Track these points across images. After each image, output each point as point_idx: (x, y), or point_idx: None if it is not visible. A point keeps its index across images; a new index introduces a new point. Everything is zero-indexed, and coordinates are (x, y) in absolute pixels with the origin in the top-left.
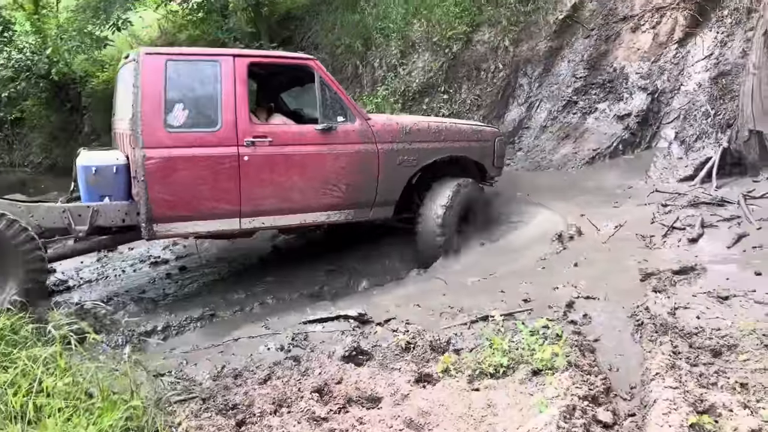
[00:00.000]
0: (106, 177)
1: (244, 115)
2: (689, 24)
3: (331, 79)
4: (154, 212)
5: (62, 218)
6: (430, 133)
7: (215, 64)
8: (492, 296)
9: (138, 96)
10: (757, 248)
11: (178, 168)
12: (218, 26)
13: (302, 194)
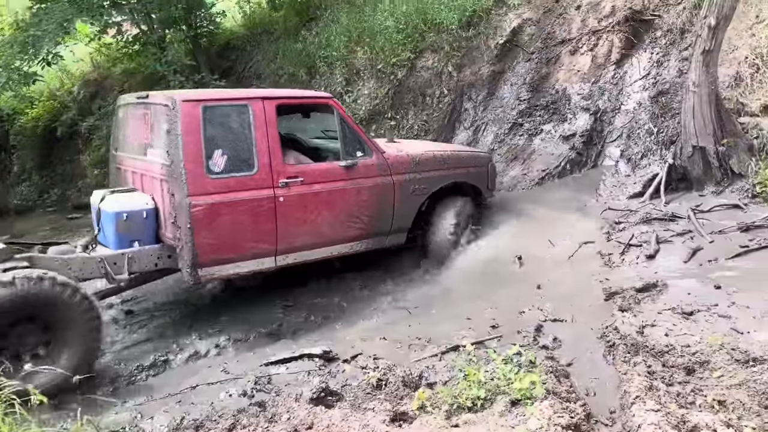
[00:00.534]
0: (136, 222)
1: (278, 157)
2: (625, 46)
3: (348, 117)
4: (200, 257)
5: (99, 268)
6: (436, 163)
7: (246, 108)
8: (459, 324)
9: (179, 143)
10: (712, 261)
11: (222, 213)
12: (156, 59)
13: (330, 228)
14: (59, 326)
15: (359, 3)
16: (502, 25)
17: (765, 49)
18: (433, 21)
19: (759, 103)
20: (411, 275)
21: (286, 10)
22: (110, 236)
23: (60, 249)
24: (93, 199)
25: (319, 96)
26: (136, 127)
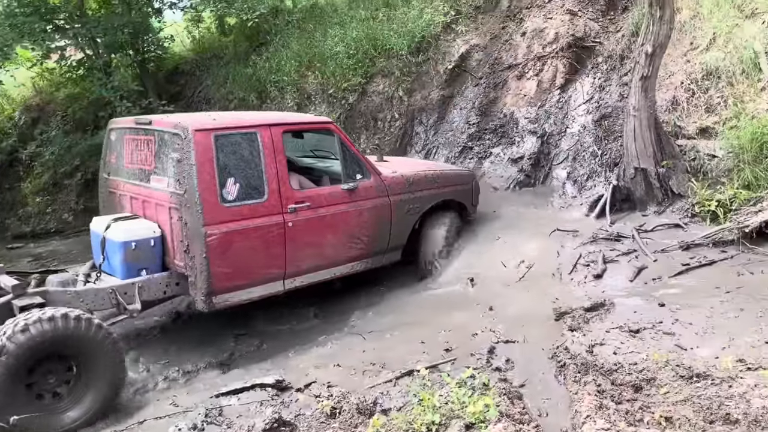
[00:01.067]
0: (144, 251)
1: (286, 183)
2: (569, 71)
3: (349, 141)
4: (215, 285)
5: (110, 299)
6: (427, 182)
7: (255, 135)
8: (413, 347)
9: (193, 173)
10: (656, 280)
11: (235, 241)
12: (101, 84)
13: (334, 250)
14: (85, 362)
15: (309, 29)
16: (451, 51)
17: (699, 75)
18: (383, 47)
19: (695, 126)
20: (365, 300)
21: (236, 35)
22: (118, 265)
23: (62, 279)
24: (95, 227)
25: (321, 121)
26: (136, 153)
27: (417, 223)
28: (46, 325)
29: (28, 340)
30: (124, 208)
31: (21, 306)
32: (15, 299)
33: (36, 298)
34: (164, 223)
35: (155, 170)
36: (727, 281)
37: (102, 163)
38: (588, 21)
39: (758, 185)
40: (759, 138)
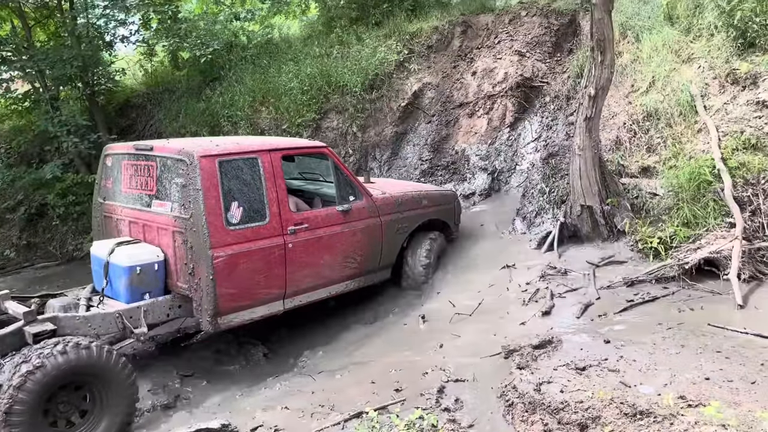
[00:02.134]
0: (148, 275)
1: (285, 206)
2: (518, 110)
3: (342, 164)
4: (221, 306)
5: (117, 323)
6: (414, 203)
7: (256, 160)
8: (363, 388)
9: (199, 198)
10: (602, 316)
11: (240, 263)
12: (47, 118)
13: (330, 270)
14: (101, 390)
15: (264, 64)
16: (404, 89)
17: (640, 116)
18: (337, 83)
19: (637, 165)
20: (317, 338)
21: (189, 70)
22: (122, 289)
23: (63, 303)
24: (96, 252)
25: (315, 146)
26: (135, 178)
27: (405, 242)
28: (64, 357)
29: (48, 371)
30: (121, 232)
31: (34, 333)
32: (26, 326)
33: (47, 324)
34: (167, 246)
35: (157, 195)
36: (668, 317)
37: (96, 188)
38: (536, 62)
39: (696, 223)
40: (696, 178)
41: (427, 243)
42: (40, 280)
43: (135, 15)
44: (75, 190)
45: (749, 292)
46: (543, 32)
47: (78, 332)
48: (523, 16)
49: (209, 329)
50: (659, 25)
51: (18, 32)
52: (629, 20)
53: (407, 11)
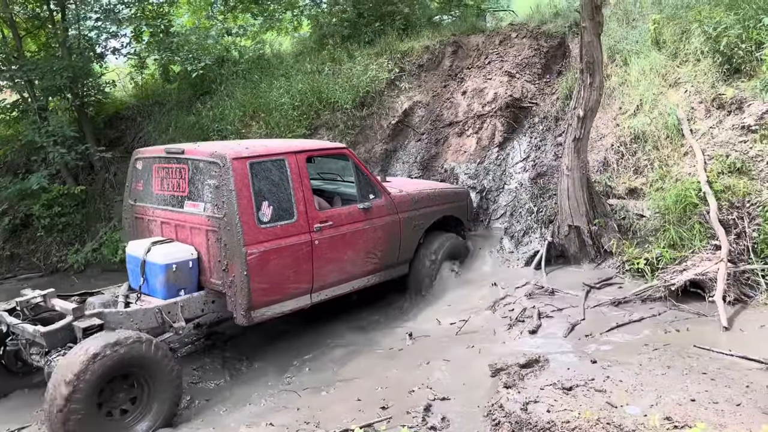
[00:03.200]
0: (183, 272)
1: (312, 205)
2: (507, 130)
3: (362, 164)
4: (254, 300)
5: (156, 318)
6: (430, 200)
7: (283, 162)
8: (349, 405)
9: (232, 198)
10: (589, 336)
11: (271, 259)
12: (35, 128)
13: (353, 265)
14: (150, 381)
15: (255, 79)
16: (395, 107)
17: (628, 138)
18: (328, 100)
19: (624, 187)
20: (302, 355)
21: (180, 83)
22: (159, 287)
23: (102, 300)
24: (133, 250)
25: (337, 147)
26: (167, 180)
27: (421, 238)
28: (118, 349)
29: (105, 361)
30: (153, 232)
31: (84, 328)
32: (75, 321)
33: (94, 319)
34: (200, 244)
35: (189, 196)
36: (655, 338)
37: (127, 191)
38: (525, 83)
39: (683, 245)
40: (682, 200)
41: (435, 244)
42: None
43: (127, 28)
44: (61, 201)
45: (734, 314)
46: (533, 54)
47: (122, 326)
48: (513, 38)
49: (243, 323)
50: (647, 50)
51: (8, 42)
52: (618, 44)
53: (399, 30)
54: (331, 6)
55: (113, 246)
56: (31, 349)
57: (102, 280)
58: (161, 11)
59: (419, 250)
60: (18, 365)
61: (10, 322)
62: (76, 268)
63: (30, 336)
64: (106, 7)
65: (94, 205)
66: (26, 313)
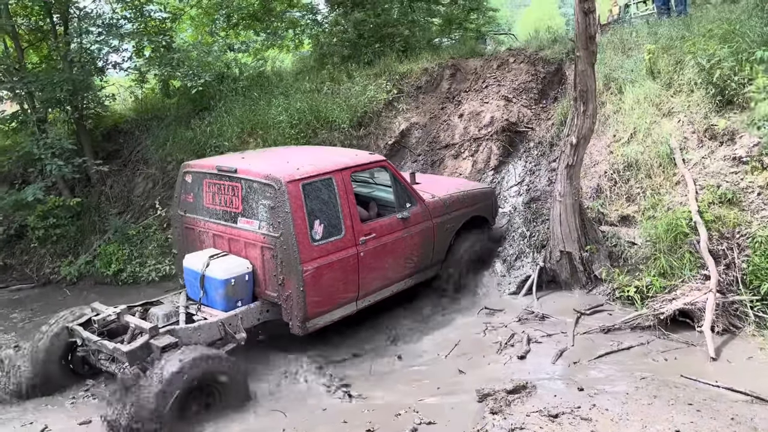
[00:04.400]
0: (241, 285)
1: (357, 219)
2: (502, 153)
3: (399, 174)
4: (309, 312)
5: (219, 330)
6: (459, 203)
7: (331, 180)
8: (334, 427)
9: (289, 219)
10: (577, 363)
11: (323, 273)
12: (33, 140)
13: (393, 271)
14: (221, 389)
15: (254, 96)
16: (392, 127)
17: (621, 166)
18: (325, 119)
19: (617, 214)
20: (289, 372)
21: (180, 98)
22: (219, 299)
23: (165, 312)
24: (191, 263)
25: (377, 160)
26: (219, 196)
27: (452, 239)
28: (194, 367)
29: (188, 377)
30: (204, 243)
31: (162, 346)
32: (152, 339)
33: (169, 337)
34: (254, 259)
35: (243, 213)
36: (642, 367)
37: (176, 201)
38: (522, 108)
39: (673, 274)
40: (674, 229)
41: (462, 251)
42: (14, 303)
43: (129, 42)
44: (56, 213)
45: (722, 344)
46: (530, 79)
47: (191, 341)
48: (510, 63)
49: (299, 333)
50: (641, 79)
51: (10, 53)
52: (613, 72)
53: (398, 52)
54: (332, 26)
55: (107, 259)
56: (100, 356)
57: (94, 293)
58: (163, 27)
59: (450, 251)
60: (84, 368)
61: (86, 337)
62: (68, 280)
63: (108, 351)
64: (109, 22)
65: (89, 218)
66: (97, 326)
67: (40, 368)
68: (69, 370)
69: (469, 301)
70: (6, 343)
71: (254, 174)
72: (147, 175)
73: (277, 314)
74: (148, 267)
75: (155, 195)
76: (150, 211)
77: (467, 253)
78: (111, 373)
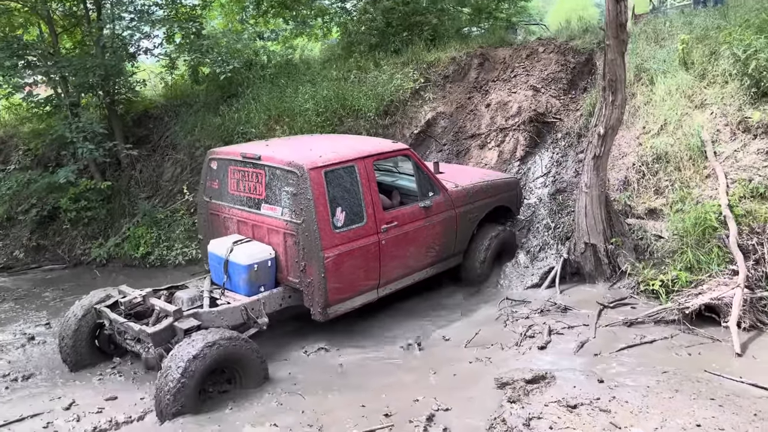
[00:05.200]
0: (264, 270)
1: (379, 207)
2: (529, 144)
3: (422, 163)
4: (330, 299)
5: (242, 315)
6: (483, 192)
7: (353, 168)
8: (352, 411)
9: (311, 206)
10: (598, 355)
11: (345, 261)
12: (65, 123)
13: (414, 260)
14: (242, 370)
15: (281, 84)
16: (418, 117)
17: (650, 158)
18: (351, 107)
19: (644, 207)
20: (308, 357)
21: (209, 85)
22: (242, 285)
23: (190, 295)
24: (215, 249)
25: (400, 149)
26: (243, 182)
27: (475, 229)
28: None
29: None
30: (228, 229)
31: (185, 329)
32: (176, 322)
33: (193, 320)
34: (277, 245)
35: (266, 199)
36: (665, 361)
37: (202, 187)
38: (550, 98)
39: (699, 268)
40: (702, 223)
41: (486, 241)
42: (46, 282)
43: (160, 29)
44: (87, 196)
45: (748, 340)
46: (559, 69)
47: (214, 324)
48: (540, 52)
49: (320, 319)
50: (674, 70)
51: (45, 38)
52: (645, 63)
53: (426, 41)
54: (361, 14)
55: (135, 242)
56: (126, 336)
57: (123, 275)
58: (194, 14)
59: (472, 241)
60: (111, 347)
61: (113, 318)
62: (98, 262)
63: (134, 332)
64: (141, 8)
65: (119, 201)
66: (123, 308)
67: (70, 346)
68: (96, 348)
69: (491, 291)
70: (38, 320)
71: (277, 161)
72: (175, 161)
73: (299, 300)
74: (175, 251)
75: (183, 180)
76: (178, 196)
77: (490, 244)
78: (136, 353)
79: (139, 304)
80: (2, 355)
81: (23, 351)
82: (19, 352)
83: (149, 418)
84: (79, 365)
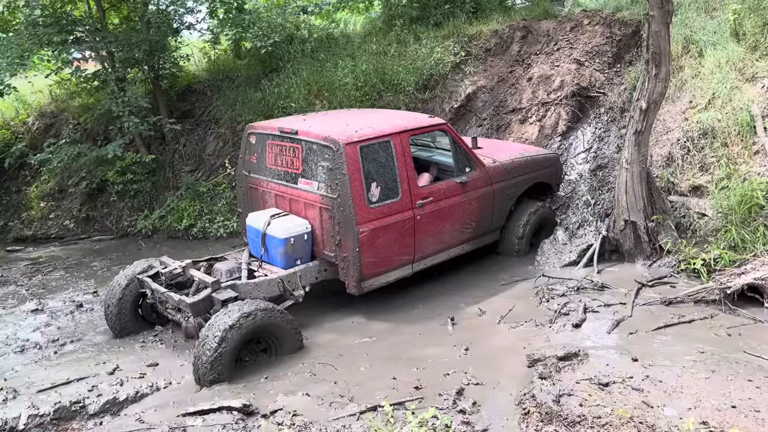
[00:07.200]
0: (300, 244)
1: (414, 182)
2: (571, 119)
3: (459, 138)
4: (365, 273)
5: (279, 287)
6: (522, 168)
7: (389, 143)
8: (384, 382)
9: (346, 181)
10: (633, 334)
11: (379, 235)
12: (112, 98)
13: (450, 236)
14: (277, 340)
15: (321, 58)
16: (458, 91)
17: (696, 133)
18: (391, 81)
19: (688, 184)
20: (342, 329)
21: (250, 59)
22: (279, 258)
23: (228, 267)
24: (252, 222)
25: (437, 123)
26: (280, 157)
27: (513, 205)
28: (251, 319)
29: (244, 328)
30: (266, 203)
31: (223, 300)
32: (214, 293)
33: (230, 291)
34: (313, 219)
35: (303, 174)
36: (703, 341)
37: (241, 162)
38: (594, 71)
39: (744, 248)
40: (748, 200)
41: (525, 217)
42: (95, 252)
43: (203, 4)
44: (134, 169)
45: None
46: (604, 42)
47: (251, 296)
48: (585, 25)
49: (355, 293)
50: (724, 41)
51: (93, 14)
52: (694, 34)
53: (468, 13)
54: None
55: (179, 214)
56: (166, 305)
57: (166, 246)
58: None
59: (511, 217)
60: (153, 316)
61: (154, 288)
62: (143, 233)
63: (174, 302)
64: None
65: (163, 174)
66: (164, 278)
67: (114, 314)
68: (140, 316)
69: (528, 268)
70: (86, 289)
71: (314, 136)
72: (218, 135)
73: (335, 274)
74: (217, 223)
75: (225, 154)
76: (220, 170)
77: (528, 220)
78: (176, 321)
79: (180, 274)
80: (52, 321)
81: (71, 318)
82: (68, 319)
83: (188, 385)
84: (123, 332)
